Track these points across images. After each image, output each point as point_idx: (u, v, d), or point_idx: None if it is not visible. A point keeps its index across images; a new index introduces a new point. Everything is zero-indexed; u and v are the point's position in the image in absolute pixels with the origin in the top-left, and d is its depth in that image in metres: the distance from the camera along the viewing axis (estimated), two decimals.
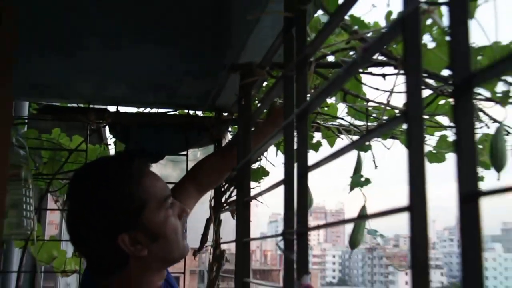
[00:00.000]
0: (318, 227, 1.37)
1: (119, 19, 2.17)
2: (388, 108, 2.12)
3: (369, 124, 2.31)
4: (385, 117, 2.19)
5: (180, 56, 2.49)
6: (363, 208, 2.11)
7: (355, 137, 2.57)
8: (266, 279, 61.00)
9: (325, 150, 2.61)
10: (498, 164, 1.81)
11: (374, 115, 2.35)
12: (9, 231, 2.15)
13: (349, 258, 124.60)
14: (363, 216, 2.08)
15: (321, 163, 1.38)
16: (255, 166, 2.67)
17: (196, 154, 2.81)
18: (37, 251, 2.59)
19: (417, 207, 0.84)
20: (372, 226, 2.13)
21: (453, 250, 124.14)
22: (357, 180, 2.24)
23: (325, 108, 2.58)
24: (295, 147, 1.52)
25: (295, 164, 1.45)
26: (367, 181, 2.24)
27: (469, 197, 0.75)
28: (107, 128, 2.71)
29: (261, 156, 2.49)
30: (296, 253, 1.44)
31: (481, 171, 2.36)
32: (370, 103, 2.18)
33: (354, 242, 2.05)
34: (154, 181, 1.49)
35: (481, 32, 1.55)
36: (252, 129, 2.15)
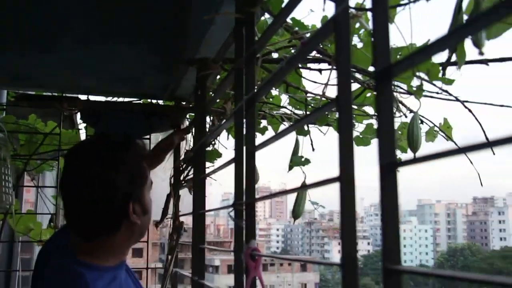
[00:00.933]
0: (263, 198, 1.40)
1: (89, 19, 2.15)
2: (323, 99, 2.16)
3: (307, 112, 2.34)
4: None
5: (145, 52, 2.48)
6: (304, 182, 2.15)
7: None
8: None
9: (270, 135, 2.64)
10: (414, 146, 1.87)
11: (311, 105, 2.39)
12: None
13: (291, 231, 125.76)
14: (302, 186, 2.11)
15: (267, 143, 1.41)
16: (209, 148, 2.68)
17: (157, 138, 2.80)
18: (15, 223, 2.55)
19: (345, 178, 0.88)
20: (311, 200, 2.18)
21: (378, 223, 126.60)
22: (298, 160, 2.28)
23: (271, 99, 2.61)
24: (244, 131, 1.54)
25: (244, 146, 1.48)
26: (307, 161, 2.28)
27: (389, 167, 0.79)
28: (78, 114, 2.68)
29: (215, 139, 2.51)
30: (244, 221, 1.47)
31: (399, 154, 2.43)
32: (308, 94, 2.22)
33: (296, 213, 2.09)
34: (147, 167, 1.48)
35: (399, 35, 1.60)
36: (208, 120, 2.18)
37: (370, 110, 2.61)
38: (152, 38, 2.30)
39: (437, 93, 1.95)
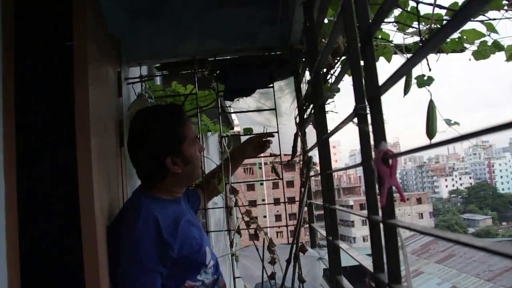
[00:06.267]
0: (390, 83, 0.81)
1: None
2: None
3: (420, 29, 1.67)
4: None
5: (257, 10, 1.99)
6: (431, 101, 1.51)
7: (408, 55, 1.95)
8: (352, 193, 59.66)
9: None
10: None
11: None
12: None
13: (406, 174, 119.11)
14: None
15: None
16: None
17: (280, 85, 2.29)
18: None
19: None
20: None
21: (476, 161, 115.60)
22: (421, 80, 1.63)
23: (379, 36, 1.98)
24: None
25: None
26: (431, 79, 1.64)
27: None
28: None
29: (332, 75, 1.92)
30: (370, 124, 0.91)
31: None
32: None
33: (431, 132, 1.45)
34: (191, 127, 1.48)
35: None
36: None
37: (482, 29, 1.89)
38: None
39: None
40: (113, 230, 1.28)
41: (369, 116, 0.91)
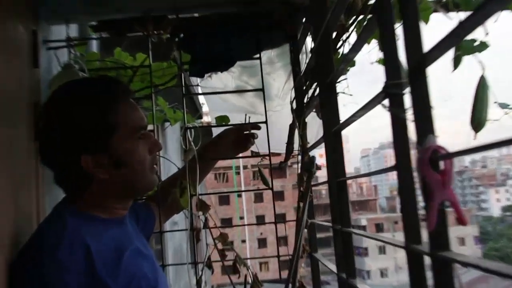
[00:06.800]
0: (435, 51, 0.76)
1: None
2: None
3: None
4: None
5: None
6: (482, 78, 1.46)
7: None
8: (364, 209, 60.29)
9: None
10: None
11: None
12: None
13: None
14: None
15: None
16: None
17: (270, 56, 2.25)
18: None
19: None
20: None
21: None
22: (470, 46, 1.60)
23: None
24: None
25: None
26: (484, 46, 1.60)
27: None
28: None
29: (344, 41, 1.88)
30: (412, 107, 0.85)
31: None
32: None
33: (479, 121, 1.35)
34: (130, 110, 1.38)
35: None
36: None
37: None
38: None
39: None
40: (20, 266, 1.21)
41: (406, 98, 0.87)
